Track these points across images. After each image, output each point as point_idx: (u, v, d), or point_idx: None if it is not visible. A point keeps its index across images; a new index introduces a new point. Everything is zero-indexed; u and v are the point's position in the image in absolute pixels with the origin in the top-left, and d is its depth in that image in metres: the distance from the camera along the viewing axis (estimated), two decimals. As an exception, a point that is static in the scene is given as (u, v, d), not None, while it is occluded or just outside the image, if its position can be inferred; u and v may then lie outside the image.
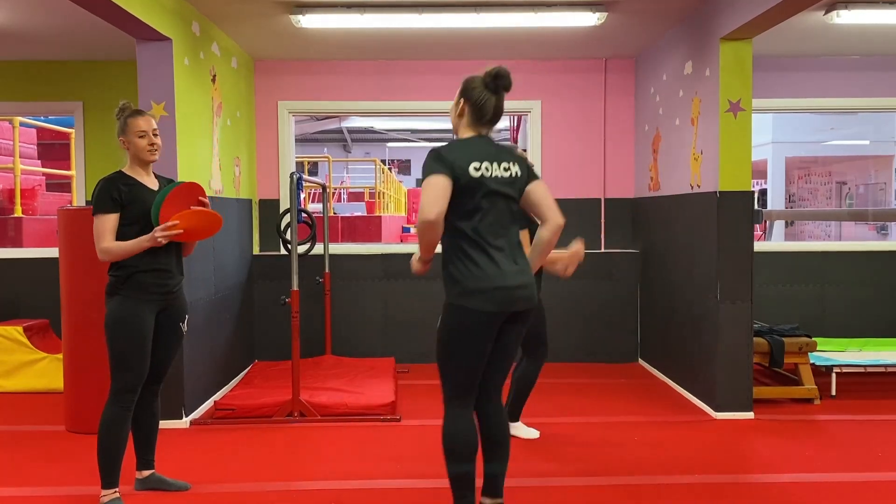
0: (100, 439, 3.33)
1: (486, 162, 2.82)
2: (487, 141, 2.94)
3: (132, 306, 3.32)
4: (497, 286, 2.78)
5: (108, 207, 3.31)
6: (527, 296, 2.85)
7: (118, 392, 3.33)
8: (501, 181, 2.83)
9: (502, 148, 2.94)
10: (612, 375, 6.09)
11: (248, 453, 4.19)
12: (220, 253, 5.41)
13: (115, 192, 3.33)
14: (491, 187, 2.81)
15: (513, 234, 2.88)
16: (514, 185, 2.87)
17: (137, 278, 3.33)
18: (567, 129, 6.56)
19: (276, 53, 6.25)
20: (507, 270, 2.81)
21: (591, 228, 6.60)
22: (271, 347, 6.36)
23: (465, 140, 2.93)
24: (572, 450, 4.23)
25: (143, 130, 3.39)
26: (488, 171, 2.81)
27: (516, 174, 2.87)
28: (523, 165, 2.92)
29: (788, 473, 3.84)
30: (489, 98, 2.95)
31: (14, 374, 5.58)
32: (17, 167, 7.24)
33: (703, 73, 5.03)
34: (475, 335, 2.81)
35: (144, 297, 3.34)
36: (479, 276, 2.78)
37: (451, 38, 5.76)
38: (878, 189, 17.28)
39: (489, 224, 2.81)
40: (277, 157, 6.51)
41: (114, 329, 3.32)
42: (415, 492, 3.62)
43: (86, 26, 5.21)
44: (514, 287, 2.81)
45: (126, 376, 3.32)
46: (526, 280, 2.85)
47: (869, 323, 6.51)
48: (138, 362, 3.33)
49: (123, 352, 3.31)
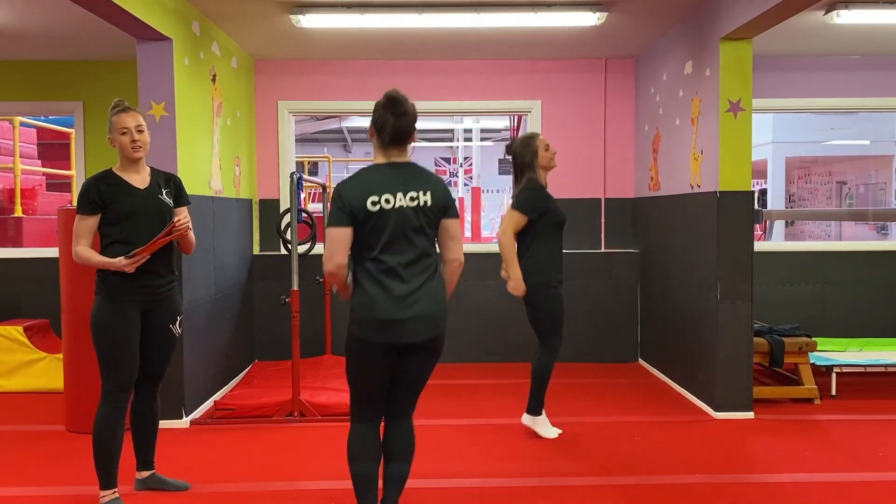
0: (95, 441, 3.31)
1: (386, 194, 2.78)
2: (394, 168, 2.86)
3: (113, 307, 3.29)
4: (383, 319, 2.79)
5: (86, 209, 3.29)
6: (417, 329, 2.83)
7: (108, 393, 3.31)
8: (405, 212, 2.80)
9: (414, 176, 2.86)
10: (612, 375, 6.09)
11: (248, 453, 4.19)
12: (220, 253, 5.41)
13: (94, 194, 3.29)
14: (390, 220, 2.79)
15: (423, 264, 2.85)
16: (422, 215, 2.83)
17: (116, 278, 3.28)
18: (567, 128, 6.56)
19: (276, 53, 6.25)
20: (395, 302, 2.79)
21: (591, 228, 6.61)
22: (271, 347, 6.35)
23: (368, 170, 2.89)
24: (572, 450, 4.23)
25: (125, 127, 3.33)
26: (388, 203, 2.78)
27: (425, 203, 2.82)
28: (440, 195, 2.86)
29: (788, 473, 3.84)
30: (388, 120, 2.85)
31: (14, 374, 5.59)
32: (17, 167, 7.24)
33: (703, 72, 5.03)
34: (365, 362, 2.87)
35: (125, 297, 3.30)
36: (368, 306, 2.81)
37: (451, 38, 5.76)
38: (878, 189, 17.28)
39: (388, 256, 2.80)
40: (277, 156, 6.51)
41: (96, 330, 3.30)
42: (414, 491, 3.62)
43: (86, 26, 5.21)
44: (403, 320, 2.80)
45: (114, 377, 3.30)
46: (420, 312, 2.82)
47: (869, 323, 6.51)
48: (125, 363, 3.30)
49: (108, 353, 3.29)
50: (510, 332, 6.51)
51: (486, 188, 21.87)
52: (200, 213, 4.99)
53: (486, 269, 6.54)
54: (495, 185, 27.60)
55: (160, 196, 3.43)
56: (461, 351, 6.53)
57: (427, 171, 2.93)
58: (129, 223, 3.31)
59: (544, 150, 4.35)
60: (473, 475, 3.82)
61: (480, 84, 6.55)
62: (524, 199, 4.27)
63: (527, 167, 4.35)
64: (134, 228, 3.31)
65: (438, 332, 2.90)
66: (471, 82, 6.54)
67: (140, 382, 3.47)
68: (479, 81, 6.55)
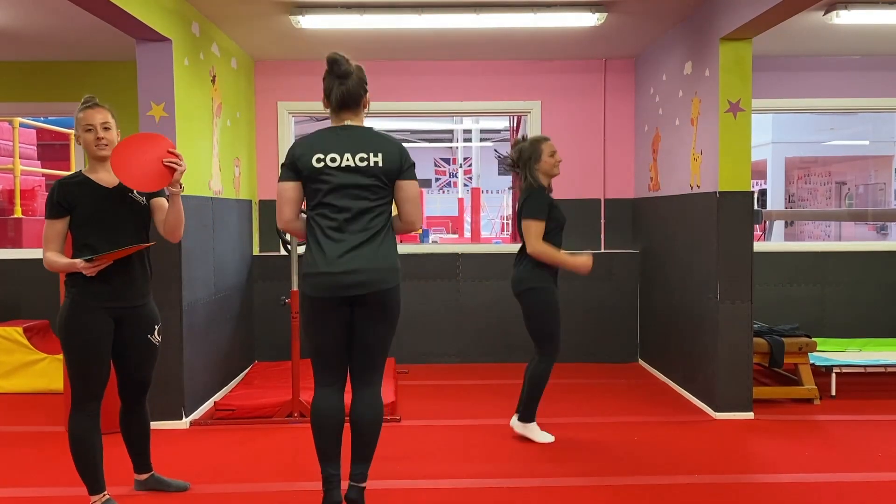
0: (73, 452, 3.23)
1: (332, 153, 2.88)
2: (346, 130, 2.95)
3: (82, 312, 3.15)
4: (321, 272, 2.88)
5: (52, 213, 3.16)
6: (357, 281, 2.88)
7: (80, 401, 3.20)
8: (350, 170, 2.88)
9: (366, 138, 2.94)
10: (612, 376, 6.09)
11: (248, 454, 4.18)
12: (219, 253, 5.41)
13: (59, 196, 3.15)
14: (335, 177, 2.88)
15: (366, 221, 2.91)
16: (370, 174, 2.89)
17: (89, 283, 3.14)
18: (567, 129, 6.56)
19: (275, 54, 6.26)
20: (334, 256, 2.88)
21: (591, 228, 6.61)
22: (271, 348, 6.35)
23: (320, 131, 2.99)
24: (572, 450, 4.23)
25: (89, 124, 3.20)
26: (334, 162, 2.88)
27: (375, 163, 2.89)
28: (393, 157, 2.92)
29: (788, 473, 3.84)
30: (332, 84, 3.00)
31: (14, 375, 5.59)
32: (16, 168, 7.24)
33: (702, 73, 5.03)
34: (314, 317, 2.94)
35: (99, 302, 3.16)
36: (309, 261, 2.92)
37: (451, 39, 5.77)
38: (878, 189, 17.28)
39: (331, 212, 2.90)
40: (277, 157, 6.51)
41: (66, 336, 3.16)
42: (415, 492, 3.62)
43: (85, 27, 5.21)
44: (339, 273, 2.87)
45: (83, 384, 3.18)
46: (358, 266, 2.88)
47: (869, 323, 6.51)
48: (96, 370, 3.18)
49: (79, 360, 3.16)
50: (511, 332, 6.51)
51: (485, 189, 21.87)
52: (200, 213, 4.99)
53: (486, 270, 6.55)
54: (495, 185, 27.61)
55: (130, 194, 3.25)
56: (462, 351, 6.54)
57: (383, 135, 2.99)
58: (95, 224, 3.17)
59: (549, 155, 4.29)
60: (473, 476, 3.82)
61: (480, 85, 6.55)
62: (534, 206, 4.20)
63: (527, 169, 4.30)
64: (101, 230, 3.17)
65: (381, 286, 2.92)
66: (470, 83, 6.55)
67: (127, 395, 3.41)
68: (479, 82, 6.55)
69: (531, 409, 4.37)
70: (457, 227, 20.88)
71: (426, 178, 31.36)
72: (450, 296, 6.54)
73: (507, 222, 19.80)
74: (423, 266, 6.40)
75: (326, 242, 2.90)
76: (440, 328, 6.53)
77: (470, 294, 6.54)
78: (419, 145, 26.20)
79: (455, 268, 6.56)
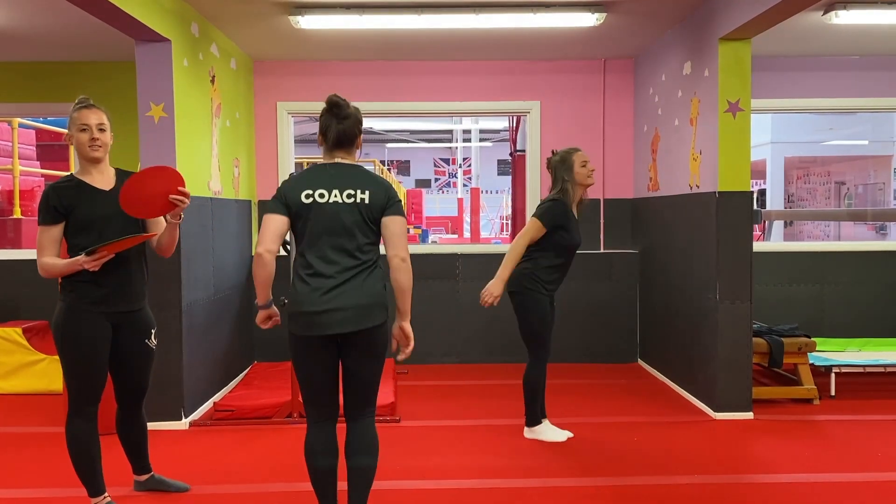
0: (72, 455, 3.22)
1: (321, 189, 2.87)
2: (336, 167, 2.95)
3: (78, 316, 3.11)
4: (306, 311, 2.84)
5: (47, 218, 3.08)
6: (342, 319, 2.82)
7: (78, 406, 3.18)
8: (338, 207, 2.86)
9: (355, 176, 2.92)
10: (612, 376, 6.09)
11: (247, 454, 4.18)
12: (219, 254, 5.41)
13: (55, 200, 3.08)
14: (322, 214, 2.86)
15: (353, 259, 2.87)
16: (358, 212, 2.86)
17: (87, 287, 3.10)
18: (566, 129, 6.56)
19: (275, 54, 6.26)
20: (318, 294, 2.83)
21: (591, 229, 6.60)
22: (271, 349, 6.35)
23: (311, 168, 2.99)
24: (572, 450, 4.23)
25: (84, 124, 3.15)
26: (322, 198, 2.86)
27: (362, 200, 2.87)
28: (379, 194, 2.89)
29: (788, 474, 3.84)
30: (331, 124, 2.97)
31: (13, 376, 5.58)
32: (16, 168, 7.24)
33: (702, 73, 5.03)
34: (301, 358, 2.92)
35: (98, 308, 3.12)
36: (295, 299, 2.89)
37: (451, 39, 5.77)
38: (877, 189, 17.30)
39: (319, 249, 2.87)
40: (277, 157, 6.51)
41: (63, 340, 3.12)
42: (414, 492, 3.62)
43: (84, 27, 5.21)
44: (322, 312, 2.81)
45: (80, 388, 3.16)
46: (343, 303, 2.82)
47: (868, 323, 6.51)
48: (94, 375, 3.16)
49: (77, 364, 3.13)
50: (510, 332, 6.49)
51: (485, 189, 21.89)
52: (199, 214, 4.99)
53: (485, 270, 6.53)
54: (494, 185, 27.63)
55: None
56: (461, 352, 6.53)
57: (372, 173, 2.98)
58: (95, 229, 3.12)
59: (581, 165, 4.29)
60: (472, 476, 3.82)
61: (479, 85, 6.55)
62: (545, 210, 4.24)
63: (561, 181, 4.30)
64: (101, 234, 3.11)
65: (367, 324, 2.86)
66: (469, 83, 6.55)
67: (124, 399, 3.40)
68: (478, 82, 6.55)
69: (532, 413, 4.38)
70: (456, 227, 20.90)
71: (426, 179, 31.41)
72: (449, 296, 6.54)
73: (506, 222, 19.82)
74: (423, 266, 6.39)
75: (312, 279, 2.86)
76: (440, 328, 6.53)
77: (469, 294, 6.53)
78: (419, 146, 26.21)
79: (454, 268, 6.56)
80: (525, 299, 4.27)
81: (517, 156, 9.39)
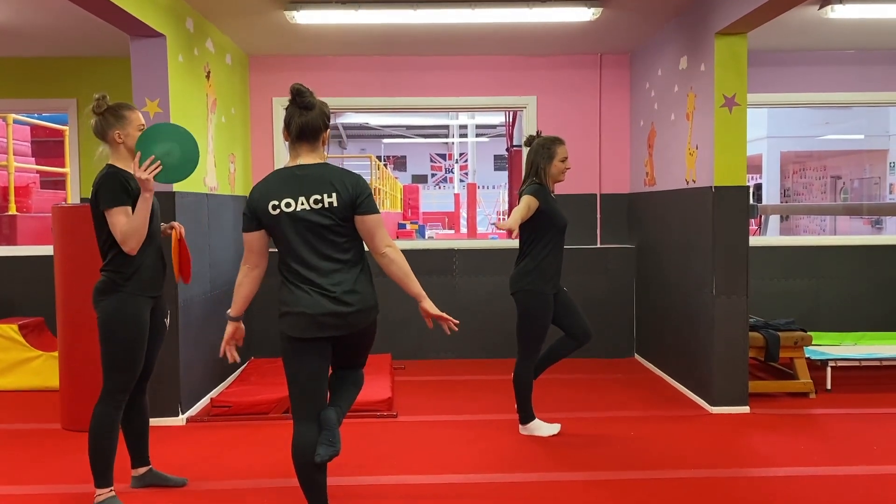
0: (92, 440, 3.27)
1: (286, 198, 2.82)
2: (301, 170, 2.86)
3: (135, 304, 3.26)
4: (295, 312, 2.87)
5: (125, 200, 3.20)
6: (334, 323, 2.85)
7: (111, 392, 3.27)
8: (307, 213, 2.81)
9: (319, 179, 2.84)
10: (608, 371, 6.09)
11: (244, 450, 4.19)
12: (215, 250, 5.40)
13: (128, 184, 3.22)
14: (290, 223, 2.83)
15: (335, 260, 2.86)
16: (328, 216, 2.82)
17: (143, 273, 3.27)
18: (562, 124, 6.56)
19: (270, 49, 6.24)
20: (308, 298, 2.85)
21: (587, 224, 6.61)
22: (267, 345, 6.34)
23: (275, 173, 2.93)
24: (568, 445, 4.24)
25: (142, 124, 3.34)
26: (289, 207, 2.82)
27: (330, 204, 2.81)
28: (346, 193, 2.83)
29: (784, 467, 3.85)
30: (294, 114, 2.87)
31: (9, 373, 5.57)
32: (11, 164, 7.22)
33: (698, 68, 5.03)
34: (291, 356, 2.91)
35: (147, 293, 3.30)
36: (287, 300, 2.90)
37: (447, 34, 5.76)
38: (873, 183, 17.33)
39: (299, 255, 2.85)
40: (272, 153, 6.50)
41: (115, 329, 3.23)
42: (411, 487, 3.62)
43: (79, 23, 5.19)
44: (317, 314, 2.83)
45: (122, 377, 3.27)
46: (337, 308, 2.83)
47: (864, 317, 6.52)
48: (136, 362, 3.29)
49: (123, 352, 3.25)
50: (507, 327, 6.50)
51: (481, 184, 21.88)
52: (195, 210, 4.98)
53: (482, 266, 6.55)
54: (491, 181, 27.61)
55: None
56: (458, 347, 6.53)
57: (338, 169, 2.90)
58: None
59: (560, 160, 4.29)
60: (469, 471, 3.83)
61: (475, 80, 6.55)
62: (534, 189, 4.22)
63: (537, 168, 4.28)
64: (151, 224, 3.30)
65: (362, 324, 2.91)
66: (466, 78, 6.54)
67: (137, 381, 3.44)
68: (474, 77, 6.54)
69: (523, 411, 4.39)
70: (453, 222, 20.89)
71: (422, 174, 31.39)
72: (446, 291, 6.54)
73: (503, 217, 19.82)
74: (419, 261, 6.36)
75: (303, 284, 2.87)
76: (436, 324, 6.52)
77: (466, 290, 6.54)
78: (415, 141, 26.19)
79: (451, 263, 6.56)
80: (529, 299, 4.24)
81: (513, 151, 9.39)
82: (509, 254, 6.70)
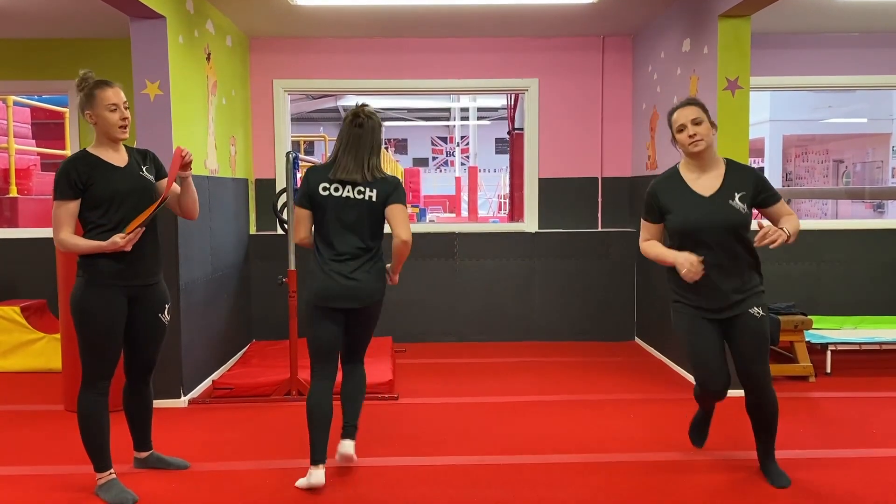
0: (82, 428, 3.25)
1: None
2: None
3: (99, 291, 3.15)
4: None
5: (67, 194, 3.09)
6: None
7: (91, 380, 3.21)
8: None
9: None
10: (609, 354, 6.11)
11: (246, 432, 4.20)
12: (216, 233, 5.40)
13: (74, 175, 3.09)
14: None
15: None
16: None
17: (106, 262, 3.13)
18: (564, 107, 6.54)
19: (271, 31, 6.20)
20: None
21: (589, 207, 6.60)
22: (269, 327, 6.37)
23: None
24: (568, 428, 4.25)
25: (113, 104, 3.14)
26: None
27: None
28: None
29: (784, 450, 3.86)
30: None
31: (12, 354, 5.60)
32: (11, 147, 7.20)
33: (701, 50, 5.00)
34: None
35: (113, 282, 3.16)
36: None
37: (448, 15, 5.72)
38: (875, 167, 17.27)
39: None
40: (273, 136, 6.48)
41: (81, 315, 3.15)
42: (412, 469, 3.64)
43: (80, 4, 5.16)
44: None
45: (96, 364, 3.20)
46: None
47: (864, 300, 6.52)
48: (110, 350, 3.20)
49: (94, 339, 3.17)
50: (508, 311, 6.53)
51: (482, 167, 21.81)
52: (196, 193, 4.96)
53: (483, 249, 6.55)
54: (492, 164, 27.54)
55: (141, 173, 3.26)
56: (459, 330, 6.55)
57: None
58: (113, 205, 3.14)
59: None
60: (470, 453, 3.84)
61: (477, 62, 6.51)
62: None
63: None
64: (118, 210, 3.15)
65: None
66: (467, 60, 6.51)
67: (133, 372, 3.43)
68: (476, 59, 6.51)
69: None
70: (454, 205, 20.85)
71: (423, 157, 31.31)
72: (447, 275, 6.54)
73: (504, 201, 19.78)
74: (421, 245, 6.39)
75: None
76: (437, 307, 6.55)
77: (467, 273, 6.54)
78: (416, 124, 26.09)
79: (452, 247, 6.56)
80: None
81: (515, 134, 9.36)
82: (510, 238, 6.73)
